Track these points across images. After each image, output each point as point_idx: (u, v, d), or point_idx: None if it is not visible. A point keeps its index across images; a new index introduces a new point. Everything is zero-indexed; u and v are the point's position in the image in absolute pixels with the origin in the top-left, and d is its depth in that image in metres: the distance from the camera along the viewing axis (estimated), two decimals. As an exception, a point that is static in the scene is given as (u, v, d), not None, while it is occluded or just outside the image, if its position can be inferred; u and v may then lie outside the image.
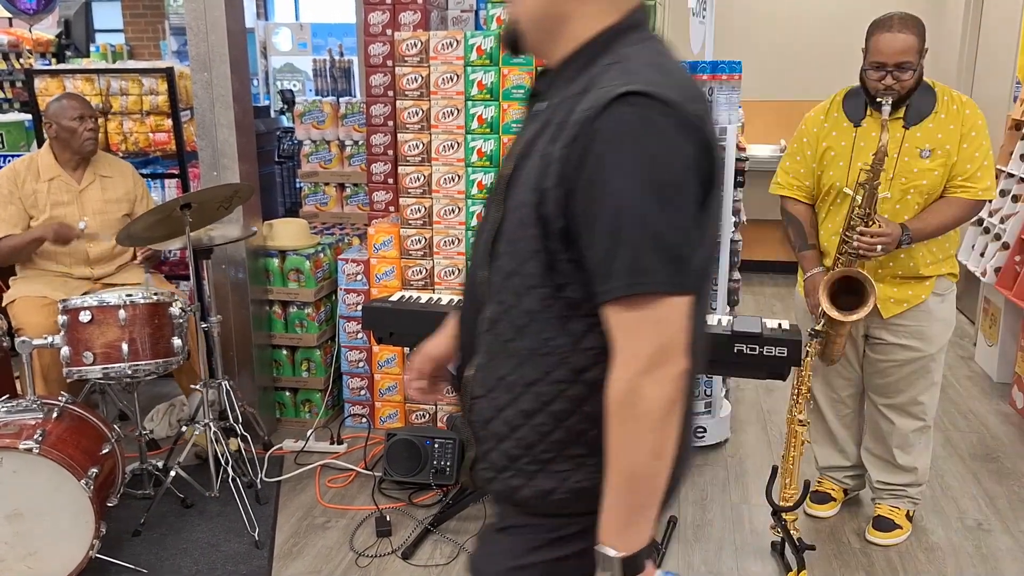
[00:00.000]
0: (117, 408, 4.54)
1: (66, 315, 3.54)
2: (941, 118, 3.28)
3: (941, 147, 3.26)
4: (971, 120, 3.28)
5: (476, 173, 4.30)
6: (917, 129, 3.28)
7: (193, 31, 4.23)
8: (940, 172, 3.27)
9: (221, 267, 4.42)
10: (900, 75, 3.18)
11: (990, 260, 5.37)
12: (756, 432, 4.76)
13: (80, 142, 4.21)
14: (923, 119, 3.28)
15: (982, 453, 4.49)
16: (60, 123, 4.16)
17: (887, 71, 3.18)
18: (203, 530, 3.75)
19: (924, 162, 3.27)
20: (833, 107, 3.47)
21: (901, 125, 3.29)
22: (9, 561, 3.17)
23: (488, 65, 4.21)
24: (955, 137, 3.26)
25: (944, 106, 3.30)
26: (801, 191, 3.54)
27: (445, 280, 4.45)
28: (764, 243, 7.87)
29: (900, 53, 3.16)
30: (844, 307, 3.30)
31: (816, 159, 3.45)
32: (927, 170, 3.27)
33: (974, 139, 3.27)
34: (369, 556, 3.59)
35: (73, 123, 4.17)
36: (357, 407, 4.81)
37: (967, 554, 3.60)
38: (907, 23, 3.17)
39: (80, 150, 4.23)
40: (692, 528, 3.80)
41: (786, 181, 3.57)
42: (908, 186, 3.29)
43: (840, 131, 3.40)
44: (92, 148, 4.28)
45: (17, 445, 3.08)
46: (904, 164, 3.28)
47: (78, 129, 4.18)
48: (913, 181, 3.28)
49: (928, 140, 3.27)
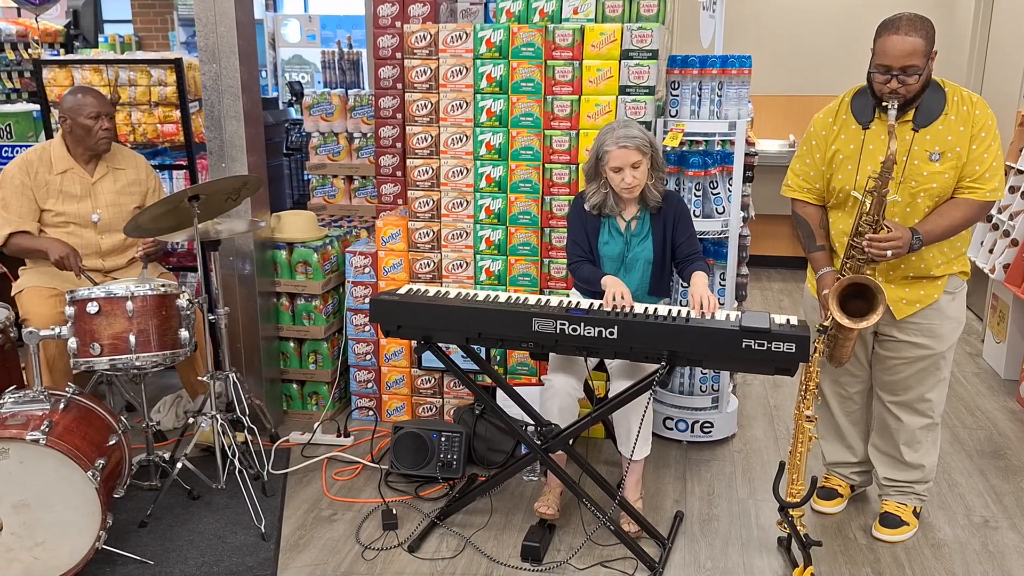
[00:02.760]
0: (124, 399, 4.54)
1: (73, 306, 3.54)
2: (951, 120, 3.24)
3: (951, 149, 3.22)
4: (981, 120, 3.24)
5: (485, 166, 4.30)
6: (927, 132, 3.24)
7: (202, 22, 4.22)
8: (950, 175, 3.24)
9: (228, 259, 4.42)
10: (906, 79, 3.12)
11: (999, 257, 5.35)
12: (763, 427, 4.75)
13: (95, 141, 4.18)
14: (932, 121, 3.24)
15: (989, 450, 4.48)
16: (76, 120, 4.13)
17: (893, 74, 3.13)
18: (209, 522, 3.76)
19: (934, 165, 3.23)
20: (841, 109, 3.42)
21: (910, 128, 3.25)
22: (16, 551, 3.17)
23: (497, 58, 4.20)
24: (965, 139, 3.22)
25: (954, 107, 3.25)
26: (811, 193, 3.53)
27: (453, 273, 4.45)
28: (772, 238, 7.86)
29: (906, 56, 3.10)
30: (854, 312, 3.28)
31: (825, 162, 3.43)
32: (937, 173, 3.24)
33: (983, 140, 3.23)
34: (375, 549, 3.59)
35: (89, 121, 4.14)
36: (364, 400, 4.81)
37: (974, 551, 3.59)
38: (915, 25, 3.11)
39: (94, 148, 4.22)
40: (699, 523, 3.79)
41: (796, 183, 3.56)
42: (918, 189, 3.26)
43: (848, 134, 3.37)
44: (106, 147, 4.26)
45: (24, 436, 3.08)
46: (914, 167, 3.24)
47: (93, 128, 4.16)
48: (923, 184, 3.25)
49: (938, 143, 3.23)
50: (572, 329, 3.21)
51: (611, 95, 4.13)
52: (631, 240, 3.74)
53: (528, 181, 4.27)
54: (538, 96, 4.19)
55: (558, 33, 4.13)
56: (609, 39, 4.08)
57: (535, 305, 3.34)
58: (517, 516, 3.83)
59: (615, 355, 3.29)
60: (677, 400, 4.49)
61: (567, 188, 4.24)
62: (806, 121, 3.57)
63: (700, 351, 3.16)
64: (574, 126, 4.18)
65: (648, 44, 4.06)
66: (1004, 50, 6.53)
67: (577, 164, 4.19)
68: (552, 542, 3.62)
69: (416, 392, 4.69)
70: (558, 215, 4.26)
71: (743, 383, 5.33)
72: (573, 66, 4.14)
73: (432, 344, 3.47)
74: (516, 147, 4.24)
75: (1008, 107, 6.15)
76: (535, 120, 4.21)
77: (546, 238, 4.34)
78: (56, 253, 4.03)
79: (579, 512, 3.79)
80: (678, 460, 4.36)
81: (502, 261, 4.38)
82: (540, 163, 4.25)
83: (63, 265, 4.02)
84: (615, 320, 3.18)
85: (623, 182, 3.59)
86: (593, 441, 4.53)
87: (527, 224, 4.32)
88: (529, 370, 4.48)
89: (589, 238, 3.76)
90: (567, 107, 4.17)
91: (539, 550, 3.48)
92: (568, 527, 3.73)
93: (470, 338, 3.40)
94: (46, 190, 4.18)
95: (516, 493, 4.03)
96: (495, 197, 4.32)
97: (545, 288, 4.41)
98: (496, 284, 4.41)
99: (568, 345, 3.28)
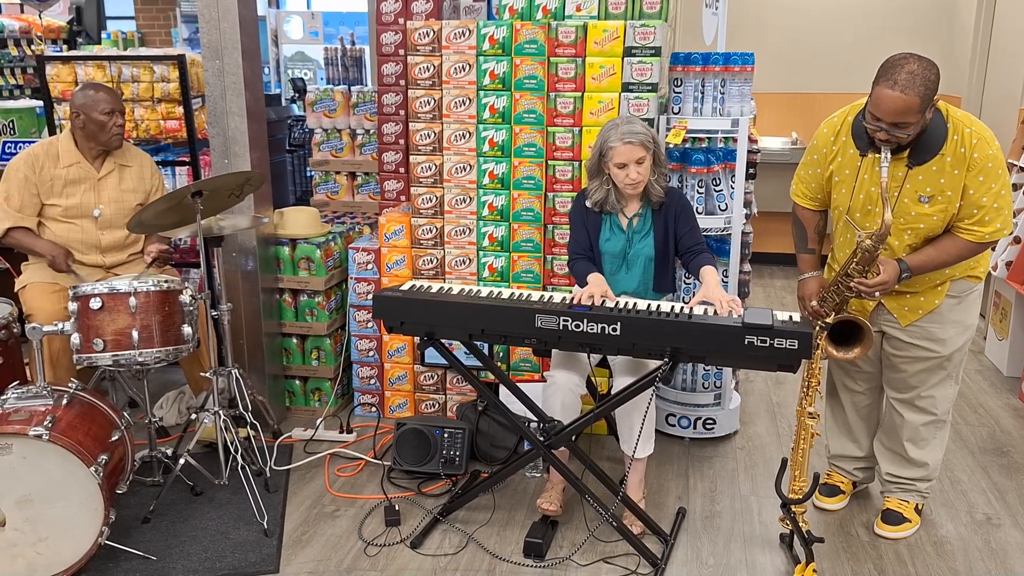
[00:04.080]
0: (127, 395, 4.54)
1: (77, 302, 3.54)
2: (946, 161, 3.10)
3: (942, 193, 3.14)
4: (978, 164, 3.08)
5: (488, 163, 4.30)
6: (919, 171, 3.15)
7: (205, 18, 4.23)
8: (939, 217, 3.18)
9: (232, 255, 4.42)
10: (897, 132, 3.02)
11: (1001, 254, 5.35)
12: (766, 424, 4.76)
13: (108, 137, 4.19)
14: (927, 161, 3.13)
15: (992, 447, 4.48)
16: (90, 115, 4.14)
17: (882, 127, 3.03)
18: (212, 518, 3.76)
19: (923, 207, 3.18)
20: (843, 128, 3.34)
21: (904, 165, 3.16)
22: (20, 547, 3.18)
23: (500, 55, 4.20)
24: (958, 182, 3.11)
25: (951, 147, 3.10)
26: (815, 201, 3.55)
27: (456, 270, 4.45)
28: (775, 235, 7.85)
29: (898, 115, 2.97)
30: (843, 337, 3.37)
31: (825, 177, 3.43)
32: (925, 215, 3.19)
33: (981, 184, 3.10)
34: (378, 545, 3.60)
35: (103, 117, 4.15)
36: (367, 396, 4.81)
37: (976, 548, 3.59)
38: (914, 81, 2.93)
39: (107, 144, 4.22)
40: (701, 519, 3.80)
41: (801, 190, 3.58)
42: (906, 227, 3.23)
43: (846, 158, 3.33)
44: (119, 144, 4.27)
45: (27, 431, 3.08)
46: (903, 206, 3.20)
47: (107, 124, 4.16)
48: (911, 224, 3.22)
49: (929, 184, 3.15)
50: (575, 325, 3.22)
51: (614, 92, 4.13)
52: (633, 237, 3.74)
53: (531, 178, 4.27)
54: (541, 93, 4.19)
55: (561, 30, 4.13)
56: (612, 36, 4.08)
57: (538, 301, 3.35)
58: (520, 512, 3.83)
59: (618, 351, 3.29)
60: (680, 397, 4.49)
61: (570, 185, 4.24)
62: (809, 118, 3.58)
63: (703, 348, 3.16)
64: (577, 123, 4.18)
65: (651, 41, 4.05)
66: (1006, 49, 6.52)
67: (580, 161, 4.19)
68: (555, 538, 3.62)
69: (419, 388, 4.69)
70: (561, 211, 4.26)
71: (745, 380, 5.33)
72: (576, 63, 4.14)
73: (435, 340, 3.47)
74: (519, 144, 4.24)
75: (1010, 106, 6.15)
76: (538, 117, 4.21)
77: (549, 234, 4.34)
78: (48, 255, 4.13)
79: (582, 508, 3.79)
80: (680, 457, 4.36)
81: (505, 257, 4.38)
82: (543, 160, 4.25)
83: (55, 266, 4.10)
84: (618, 316, 3.18)
85: (627, 178, 3.59)
86: (596, 437, 4.53)
87: (530, 220, 4.32)
88: (532, 366, 4.48)
89: (590, 235, 3.76)
90: (570, 104, 4.17)
91: (542, 546, 3.48)
92: (571, 523, 3.73)
93: (473, 334, 3.40)
94: (50, 185, 4.18)
95: (519, 489, 4.03)
96: (498, 193, 4.32)
97: (548, 285, 4.41)
98: (499, 280, 4.41)
99: (571, 341, 3.28)
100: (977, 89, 6.98)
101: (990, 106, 6.70)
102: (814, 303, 3.46)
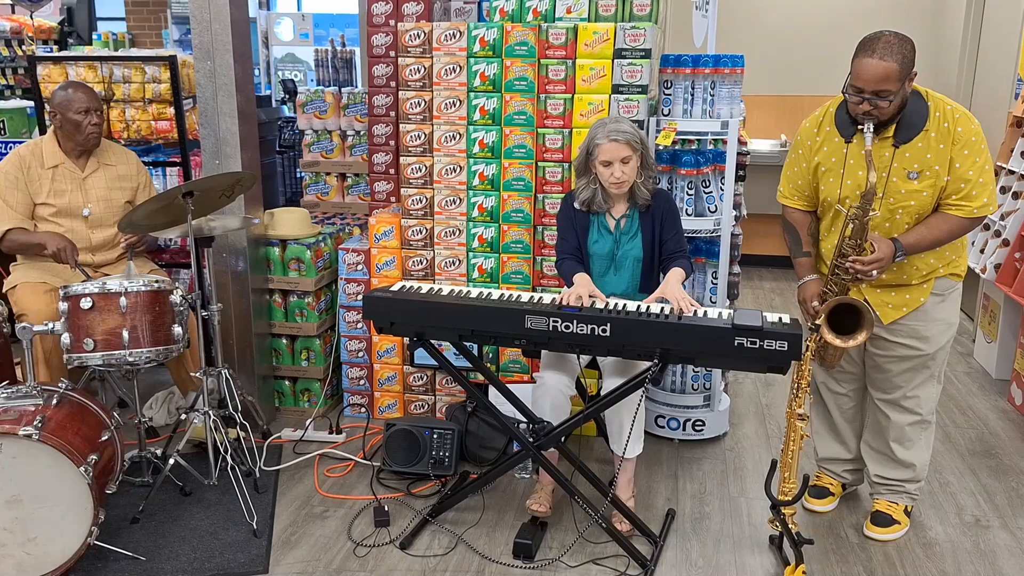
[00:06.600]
0: (116, 395, 4.54)
1: (67, 301, 3.54)
2: (931, 136, 3.20)
3: (929, 168, 3.20)
4: (963, 138, 3.19)
5: (478, 164, 4.30)
6: (906, 149, 3.22)
7: (197, 20, 4.23)
8: (929, 193, 3.23)
9: (222, 255, 4.42)
10: (879, 102, 3.10)
11: (990, 257, 5.37)
12: (755, 426, 4.77)
13: (84, 136, 4.20)
14: (912, 138, 3.21)
15: (981, 449, 4.50)
16: (65, 115, 4.15)
17: (865, 97, 3.11)
18: (201, 518, 3.76)
19: (912, 183, 3.23)
20: (826, 120, 3.41)
21: (890, 144, 3.23)
22: (8, 547, 3.17)
23: (491, 57, 4.20)
24: (944, 156, 3.19)
25: (935, 123, 3.20)
26: (803, 200, 3.56)
27: (446, 271, 4.45)
28: (764, 237, 7.88)
29: (879, 81, 3.07)
30: (844, 326, 3.32)
31: (811, 172, 3.45)
32: (915, 191, 3.23)
33: (966, 157, 3.19)
34: (367, 546, 3.60)
35: (78, 116, 4.15)
36: (356, 397, 4.81)
37: (965, 550, 3.61)
38: (891, 49, 3.06)
39: (84, 143, 4.23)
40: (690, 521, 3.80)
41: (788, 191, 3.59)
42: (896, 206, 3.27)
43: (831, 147, 3.37)
44: (96, 143, 4.28)
45: (17, 431, 3.08)
46: (893, 185, 3.24)
47: (83, 123, 4.17)
48: (901, 202, 3.26)
49: (916, 160, 3.21)
50: (565, 326, 3.22)
51: (604, 94, 4.14)
52: (620, 238, 3.75)
53: (521, 179, 4.27)
54: (531, 94, 4.20)
55: (551, 32, 4.14)
56: (602, 38, 4.09)
57: (528, 302, 3.35)
58: (509, 513, 3.84)
59: (608, 352, 3.30)
60: (669, 398, 4.50)
61: (560, 186, 4.25)
62: (797, 121, 3.59)
63: (692, 349, 3.17)
64: (567, 124, 4.19)
65: (641, 43, 4.07)
66: (995, 52, 6.55)
67: (570, 162, 4.20)
68: (544, 539, 3.62)
69: (408, 389, 4.69)
70: (551, 213, 4.27)
71: (735, 381, 5.35)
72: (566, 65, 4.15)
73: (425, 341, 3.48)
74: (509, 145, 4.25)
75: (999, 109, 6.18)
76: (528, 118, 4.22)
77: (539, 236, 4.35)
78: (53, 245, 4.05)
79: (571, 510, 3.80)
80: (670, 458, 4.37)
81: (495, 259, 4.38)
82: (533, 161, 4.26)
83: (60, 258, 4.03)
84: (608, 317, 3.19)
85: (612, 176, 3.60)
86: (585, 439, 4.54)
87: (520, 222, 4.32)
88: (521, 368, 4.49)
89: (578, 236, 3.77)
90: (560, 105, 4.18)
91: (531, 547, 3.48)
92: (560, 524, 3.74)
93: (463, 335, 3.41)
94: (39, 184, 4.18)
95: (508, 490, 4.04)
96: (488, 195, 4.33)
97: (537, 286, 4.41)
98: (489, 282, 4.42)
99: (561, 342, 3.29)
100: (966, 93, 7.01)
101: (979, 110, 6.73)
102: (815, 303, 3.47)
